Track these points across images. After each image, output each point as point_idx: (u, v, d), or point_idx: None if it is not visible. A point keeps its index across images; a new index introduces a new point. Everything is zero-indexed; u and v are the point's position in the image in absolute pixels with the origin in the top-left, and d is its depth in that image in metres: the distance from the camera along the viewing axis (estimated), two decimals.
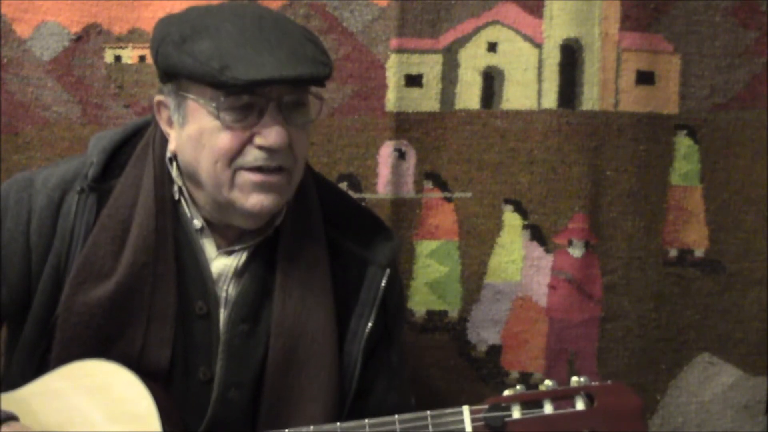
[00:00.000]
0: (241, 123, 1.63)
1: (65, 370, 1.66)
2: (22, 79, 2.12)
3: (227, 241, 1.74)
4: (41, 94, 2.13)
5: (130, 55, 2.12)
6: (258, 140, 1.63)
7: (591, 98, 2.20)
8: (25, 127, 2.13)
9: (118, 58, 2.13)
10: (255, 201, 1.65)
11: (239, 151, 1.64)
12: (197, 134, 1.65)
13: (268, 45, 1.62)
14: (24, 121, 2.13)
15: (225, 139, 1.63)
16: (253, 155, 1.64)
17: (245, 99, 1.62)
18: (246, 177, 1.64)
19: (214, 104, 1.62)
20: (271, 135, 1.63)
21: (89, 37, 2.13)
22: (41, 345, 1.70)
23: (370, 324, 1.76)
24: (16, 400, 1.65)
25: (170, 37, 1.64)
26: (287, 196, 1.71)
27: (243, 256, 1.74)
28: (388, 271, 1.78)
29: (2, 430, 1.57)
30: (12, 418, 1.60)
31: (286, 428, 1.65)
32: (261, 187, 1.65)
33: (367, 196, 2.17)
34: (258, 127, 1.63)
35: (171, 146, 1.70)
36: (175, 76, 1.66)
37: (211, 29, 1.63)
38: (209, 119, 1.64)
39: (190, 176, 1.70)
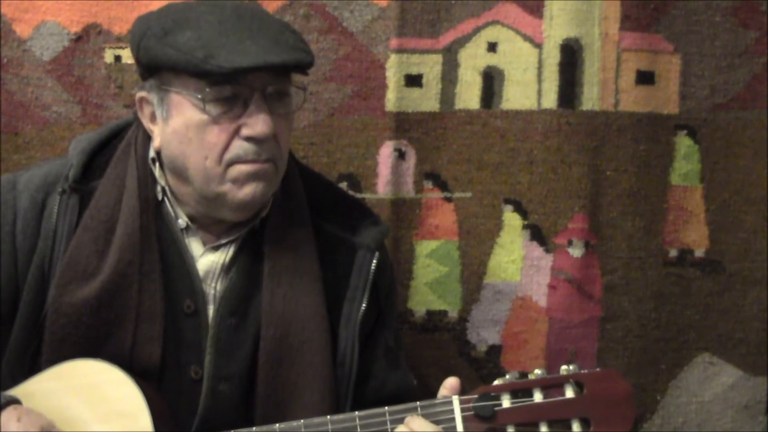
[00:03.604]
0: (227, 115, 1.64)
1: (56, 370, 1.66)
2: (22, 79, 2.12)
3: (214, 236, 1.75)
4: (41, 94, 2.13)
5: (130, 55, 2.11)
6: (245, 131, 1.64)
7: (591, 98, 2.20)
8: (25, 127, 2.13)
9: (118, 58, 2.14)
10: (248, 191, 1.66)
11: (227, 145, 1.64)
12: (183, 128, 1.66)
13: (249, 33, 1.63)
14: (24, 121, 2.13)
15: (213, 134, 1.64)
16: (242, 148, 1.65)
17: (230, 90, 1.63)
18: (239, 169, 1.65)
19: (199, 96, 1.63)
20: (257, 124, 1.64)
21: (89, 37, 2.13)
22: (30, 347, 1.70)
23: (363, 306, 1.77)
24: None
25: (151, 31, 1.65)
26: (275, 186, 1.72)
27: (230, 251, 1.74)
28: (377, 254, 1.79)
29: (5, 413, 1.57)
30: (15, 401, 1.60)
31: (285, 417, 1.65)
32: (254, 177, 1.66)
33: (367, 196, 2.17)
34: (244, 118, 1.64)
35: (155, 143, 1.71)
36: (157, 70, 1.67)
37: (191, 21, 1.64)
38: (194, 112, 1.64)
39: (177, 172, 1.70)
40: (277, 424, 1.63)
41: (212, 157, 1.65)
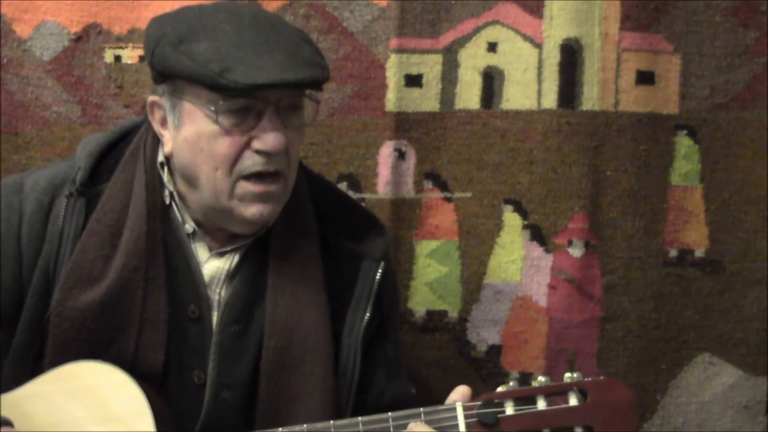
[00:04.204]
0: (239, 127, 1.63)
1: (58, 372, 1.66)
2: (22, 79, 2.12)
3: (219, 242, 1.74)
4: (41, 94, 2.13)
5: (130, 55, 2.12)
6: (256, 144, 1.63)
7: (591, 98, 2.20)
8: (25, 127, 2.13)
9: (118, 58, 2.13)
10: (255, 211, 1.66)
11: (238, 157, 1.63)
12: (194, 137, 1.64)
13: (266, 47, 1.61)
14: (24, 121, 2.13)
15: (224, 145, 1.63)
16: (252, 160, 1.63)
17: (243, 102, 1.61)
18: (246, 187, 1.64)
19: (212, 107, 1.62)
20: (269, 139, 1.62)
21: (89, 37, 2.13)
22: (33, 349, 1.70)
23: (366, 316, 1.76)
24: (8, 403, 1.65)
25: (166, 37, 1.63)
26: (283, 202, 1.71)
27: (235, 258, 1.73)
28: (382, 264, 1.78)
29: None
30: (6, 423, 1.60)
31: (285, 426, 1.64)
32: (261, 198, 1.65)
33: (367, 196, 2.17)
34: (256, 131, 1.63)
35: (166, 148, 1.70)
36: (170, 77, 1.65)
37: (208, 29, 1.62)
38: (207, 122, 1.63)
39: (188, 179, 1.69)
40: (280, 429, 1.62)
41: (223, 169, 1.64)
